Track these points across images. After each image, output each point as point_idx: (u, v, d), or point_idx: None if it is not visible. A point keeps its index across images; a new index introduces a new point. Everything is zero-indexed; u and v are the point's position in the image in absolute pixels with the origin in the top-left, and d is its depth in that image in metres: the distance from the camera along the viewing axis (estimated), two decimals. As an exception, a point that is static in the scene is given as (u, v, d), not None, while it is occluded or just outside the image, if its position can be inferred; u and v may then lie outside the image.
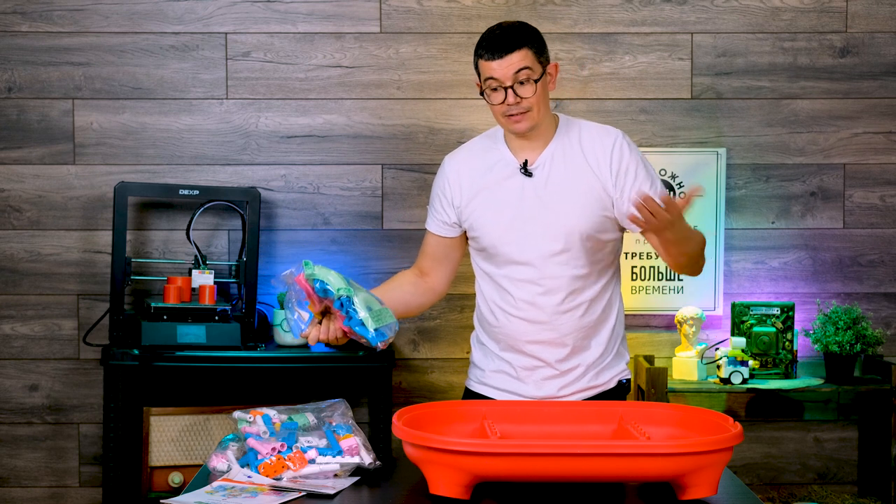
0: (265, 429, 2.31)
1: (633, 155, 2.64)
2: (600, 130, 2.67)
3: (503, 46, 2.52)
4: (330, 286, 2.34)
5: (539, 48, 2.57)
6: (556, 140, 2.65)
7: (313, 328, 2.41)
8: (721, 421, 2.22)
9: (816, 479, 3.82)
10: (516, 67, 2.52)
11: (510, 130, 2.62)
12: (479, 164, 2.70)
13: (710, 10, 3.75)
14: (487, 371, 2.74)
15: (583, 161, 2.63)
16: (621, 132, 2.67)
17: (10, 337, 3.75)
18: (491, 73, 2.54)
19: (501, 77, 2.53)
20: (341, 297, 2.34)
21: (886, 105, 3.78)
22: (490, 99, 2.57)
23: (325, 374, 3.75)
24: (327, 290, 2.34)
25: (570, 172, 2.63)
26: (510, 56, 2.52)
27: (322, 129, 3.74)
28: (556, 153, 2.64)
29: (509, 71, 2.52)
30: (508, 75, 2.52)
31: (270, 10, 3.73)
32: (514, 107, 2.54)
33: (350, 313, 2.34)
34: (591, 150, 2.64)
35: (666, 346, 3.77)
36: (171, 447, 3.58)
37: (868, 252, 3.80)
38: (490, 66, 2.53)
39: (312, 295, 2.36)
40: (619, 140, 2.64)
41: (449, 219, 2.73)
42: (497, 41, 2.53)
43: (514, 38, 2.53)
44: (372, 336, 2.35)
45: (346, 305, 2.34)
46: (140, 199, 3.73)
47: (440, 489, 2.07)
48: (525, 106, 2.55)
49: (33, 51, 3.71)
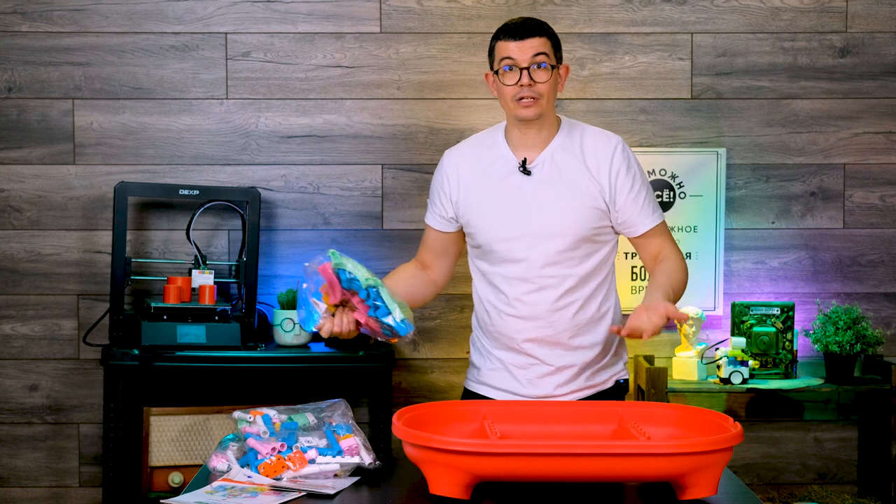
0: (265, 429, 2.31)
1: (632, 163, 2.68)
2: (602, 136, 2.70)
3: (525, 31, 2.59)
4: (357, 276, 2.35)
5: (556, 44, 2.64)
6: (556, 140, 2.67)
7: (327, 320, 2.41)
8: (721, 421, 2.22)
9: (816, 479, 3.82)
10: (535, 51, 2.58)
11: (517, 116, 2.62)
12: (478, 161, 2.71)
13: (710, 10, 3.75)
14: (484, 370, 2.75)
15: (582, 164, 2.65)
16: (622, 140, 2.71)
17: (10, 337, 3.75)
18: (509, 53, 2.59)
19: (519, 58, 2.58)
20: (369, 287, 2.35)
21: (886, 105, 3.78)
22: (504, 79, 2.60)
23: (325, 374, 3.75)
24: (353, 281, 2.35)
25: (568, 174, 2.64)
26: (531, 39, 2.58)
27: (322, 129, 3.74)
28: (556, 154, 2.65)
29: (528, 53, 2.58)
30: (526, 58, 2.57)
31: (270, 10, 3.73)
32: (526, 89, 2.58)
33: (378, 303, 2.36)
34: (591, 154, 2.66)
35: (666, 346, 3.77)
36: (171, 447, 3.58)
37: (868, 252, 3.80)
38: (508, 47, 2.59)
39: (336, 285, 2.36)
40: (619, 148, 2.67)
41: (447, 213, 2.74)
42: (519, 25, 2.61)
43: (536, 26, 2.61)
44: (400, 326, 2.36)
45: (373, 296, 2.36)
46: (140, 199, 3.73)
47: (440, 489, 2.07)
48: (537, 91, 2.59)
49: (33, 51, 3.71)
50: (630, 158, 2.68)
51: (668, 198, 3.73)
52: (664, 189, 3.73)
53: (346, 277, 2.35)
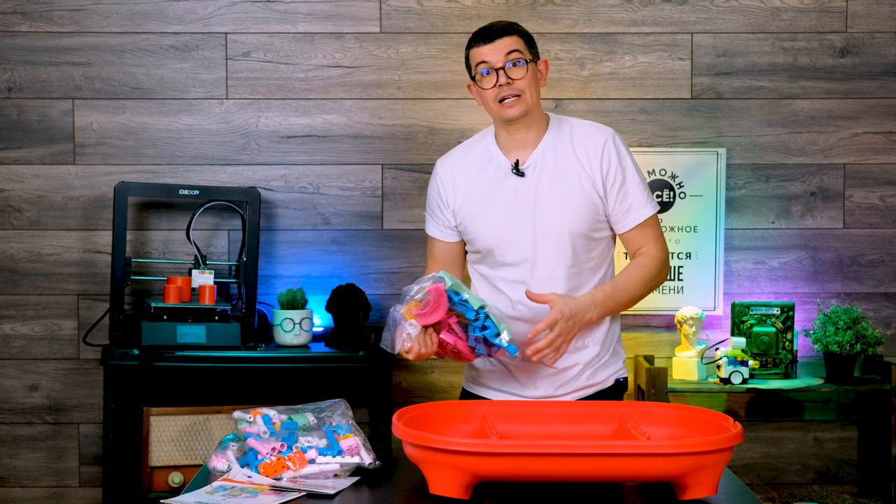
0: (265, 429, 2.31)
1: (624, 155, 2.66)
2: (592, 128, 2.69)
3: (494, 33, 2.61)
4: (470, 300, 2.43)
5: (528, 40, 2.65)
6: (546, 138, 2.66)
7: (415, 342, 2.44)
8: (721, 421, 2.22)
9: (816, 479, 3.82)
10: (507, 49, 2.59)
11: (503, 117, 2.62)
12: (471, 167, 2.71)
13: (710, 10, 3.75)
14: (482, 371, 2.75)
15: (573, 158, 2.64)
16: (613, 131, 2.68)
17: (10, 337, 3.75)
18: (482, 57, 2.60)
19: (493, 60, 2.59)
20: (480, 308, 2.44)
21: (886, 105, 3.78)
22: (482, 84, 2.61)
23: (325, 374, 3.75)
24: (466, 303, 2.43)
25: (561, 170, 2.63)
26: (501, 40, 2.60)
27: (322, 129, 3.74)
28: (548, 151, 2.65)
29: (500, 54, 2.59)
30: (499, 58, 2.59)
31: (270, 10, 3.73)
32: (506, 89, 2.59)
33: (487, 324, 2.44)
34: (582, 147, 2.64)
35: (666, 346, 3.77)
36: (171, 447, 3.58)
37: (868, 252, 3.80)
38: (481, 52, 2.60)
39: (441, 307, 2.42)
40: (610, 139, 2.65)
41: (450, 222, 2.74)
42: (488, 29, 2.63)
43: (505, 26, 2.63)
44: (511, 346, 2.45)
45: (482, 317, 2.44)
46: (140, 199, 3.73)
47: (440, 489, 2.07)
48: (517, 88, 2.59)
49: (33, 51, 3.71)
50: (621, 150, 2.66)
51: (668, 198, 3.73)
52: (664, 189, 3.73)
53: (460, 299, 2.43)
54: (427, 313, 2.42)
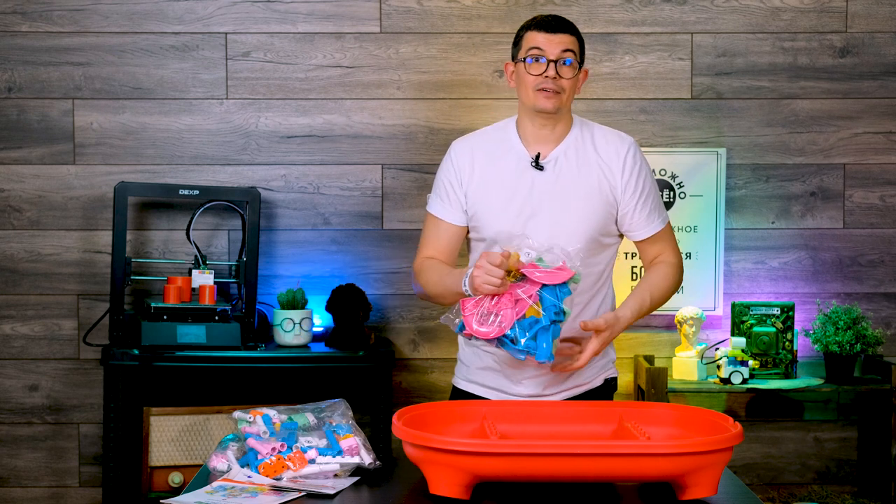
0: (265, 429, 2.31)
1: (644, 165, 2.68)
2: (614, 135, 2.70)
3: (557, 26, 2.62)
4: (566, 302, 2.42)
5: (582, 46, 2.67)
6: (569, 137, 2.66)
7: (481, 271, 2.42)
8: (721, 421, 2.22)
9: (816, 479, 3.82)
10: (564, 46, 2.60)
11: (536, 106, 2.61)
12: (490, 151, 2.68)
13: (710, 10, 3.75)
14: (473, 367, 2.74)
15: (595, 161, 2.64)
16: (634, 141, 2.71)
17: (10, 337, 3.75)
18: (538, 43, 2.60)
19: (548, 51, 2.59)
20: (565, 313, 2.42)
21: (886, 105, 3.78)
22: (529, 69, 2.60)
23: (325, 374, 3.75)
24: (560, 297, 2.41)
25: (581, 171, 2.63)
26: (561, 35, 2.61)
27: (322, 129, 3.74)
28: (569, 150, 2.64)
29: (558, 47, 2.60)
30: (556, 51, 2.59)
31: (270, 10, 3.73)
32: (549, 81, 2.59)
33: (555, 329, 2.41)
34: (605, 151, 2.65)
35: (666, 346, 3.77)
36: (171, 447, 3.58)
37: (868, 252, 3.80)
38: (538, 38, 2.61)
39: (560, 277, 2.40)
40: (633, 148, 2.67)
41: (462, 204, 2.68)
42: (552, 20, 2.64)
43: (568, 23, 2.65)
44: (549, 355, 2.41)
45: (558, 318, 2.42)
46: (140, 199, 3.73)
47: (440, 489, 2.07)
48: (560, 86, 2.60)
49: (33, 51, 3.71)
50: (642, 161, 2.68)
51: (668, 198, 3.73)
52: (664, 189, 3.73)
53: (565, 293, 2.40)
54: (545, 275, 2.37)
